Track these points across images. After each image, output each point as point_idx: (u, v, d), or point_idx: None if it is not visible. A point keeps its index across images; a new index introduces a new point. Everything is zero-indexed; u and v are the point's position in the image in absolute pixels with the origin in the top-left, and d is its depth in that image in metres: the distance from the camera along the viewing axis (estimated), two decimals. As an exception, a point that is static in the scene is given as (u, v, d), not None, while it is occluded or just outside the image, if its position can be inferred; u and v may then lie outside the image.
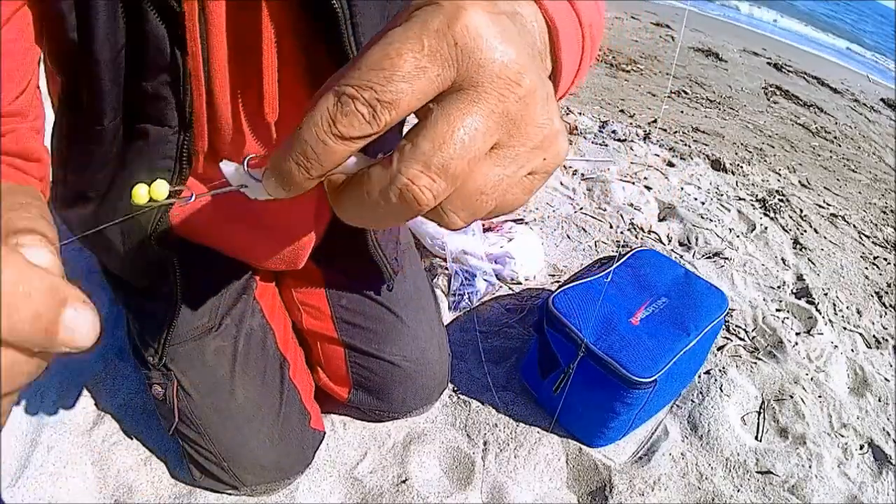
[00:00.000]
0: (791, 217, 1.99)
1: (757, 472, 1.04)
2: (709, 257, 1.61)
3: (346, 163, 0.26)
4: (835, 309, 1.54)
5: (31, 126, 0.50)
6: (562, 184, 1.80)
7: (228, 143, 0.62)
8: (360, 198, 0.26)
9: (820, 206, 2.19)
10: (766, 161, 2.58)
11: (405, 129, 0.27)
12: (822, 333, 1.41)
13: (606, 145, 2.17)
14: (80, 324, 0.21)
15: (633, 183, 1.89)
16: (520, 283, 1.37)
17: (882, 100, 4.64)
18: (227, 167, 0.30)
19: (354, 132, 0.24)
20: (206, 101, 0.57)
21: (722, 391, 1.16)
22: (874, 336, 1.50)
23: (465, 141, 0.24)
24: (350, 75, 0.24)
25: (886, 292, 1.71)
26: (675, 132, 2.59)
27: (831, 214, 2.15)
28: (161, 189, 0.30)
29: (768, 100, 3.67)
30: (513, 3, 0.30)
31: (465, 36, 0.24)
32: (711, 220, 1.78)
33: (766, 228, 1.84)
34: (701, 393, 1.15)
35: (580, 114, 2.44)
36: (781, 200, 2.08)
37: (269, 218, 0.74)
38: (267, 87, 0.58)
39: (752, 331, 1.37)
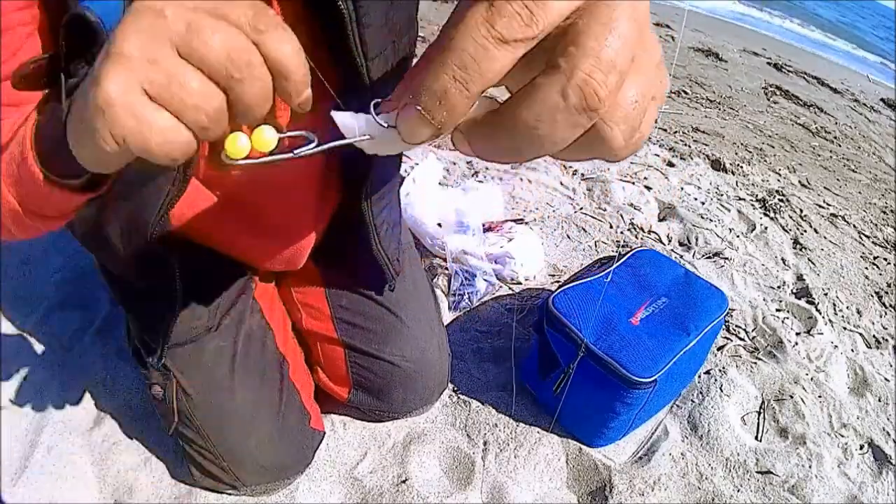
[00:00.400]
0: (791, 217, 1.99)
1: (757, 472, 1.04)
2: (709, 257, 1.61)
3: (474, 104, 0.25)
4: (835, 309, 1.54)
5: None
6: (562, 184, 1.80)
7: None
8: (528, 114, 0.24)
9: (820, 206, 2.19)
10: (766, 161, 2.58)
11: None
12: (822, 333, 1.41)
13: (606, 145, 2.17)
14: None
15: (633, 183, 1.89)
16: (520, 283, 1.37)
17: (882, 100, 4.64)
18: (344, 118, 0.25)
19: (516, 34, 0.23)
20: None
21: (722, 391, 1.15)
22: (874, 336, 1.50)
23: (623, 40, 0.24)
24: None
25: (886, 292, 1.71)
26: (675, 132, 2.59)
27: (831, 214, 2.15)
28: (268, 137, 0.25)
29: (768, 100, 3.67)
30: None
31: None
32: (711, 220, 1.78)
33: (766, 228, 1.84)
34: (701, 393, 1.15)
35: (580, 114, 2.44)
36: (781, 200, 2.08)
37: (269, 219, 0.74)
38: None
39: (752, 331, 1.37)
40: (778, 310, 1.47)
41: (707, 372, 1.20)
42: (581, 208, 1.70)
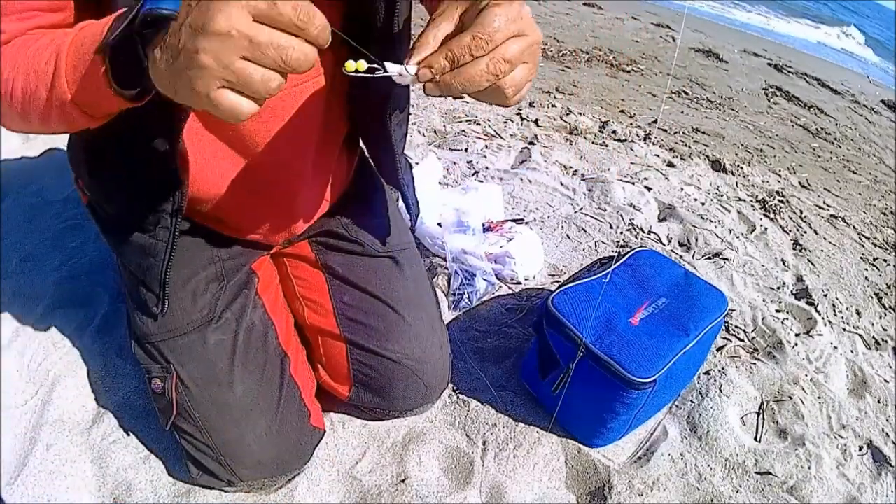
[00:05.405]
0: (791, 218, 1.99)
1: (756, 473, 1.04)
2: (708, 258, 1.61)
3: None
4: (834, 310, 1.54)
5: None
6: (562, 184, 1.80)
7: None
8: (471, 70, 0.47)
9: (820, 208, 2.20)
10: (766, 162, 2.58)
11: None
12: (821, 334, 1.41)
13: (606, 146, 2.17)
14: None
15: (634, 183, 1.89)
16: (520, 283, 1.37)
17: (882, 101, 4.64)
18: (390, 66, 0.48)
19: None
20: None
21: (721, 392, 1.16)
22: (874, 337, 1.50)
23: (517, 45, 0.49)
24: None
25: (886, 293, 1.72)
26: (676, 133, 2.59)
27: (831, 215, 2.15)
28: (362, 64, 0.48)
29: (769, 101, 3.67)
30: None
31: None
32: (711, 221, 1.78)
33: (765, 229, 1.84)
34: (700, 393, 1.15)
35: (580, 114, 2.44)
36: (781, 201, 2.08)
37: (271, 153, 0.79)
38: None
39: (752, 331, 1.37)
40: (777, 311, 1.47)
41: (706, 372, 1.20)
42: (581, 208, 1.70)
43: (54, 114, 0.55)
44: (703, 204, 1.89)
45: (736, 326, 1.37)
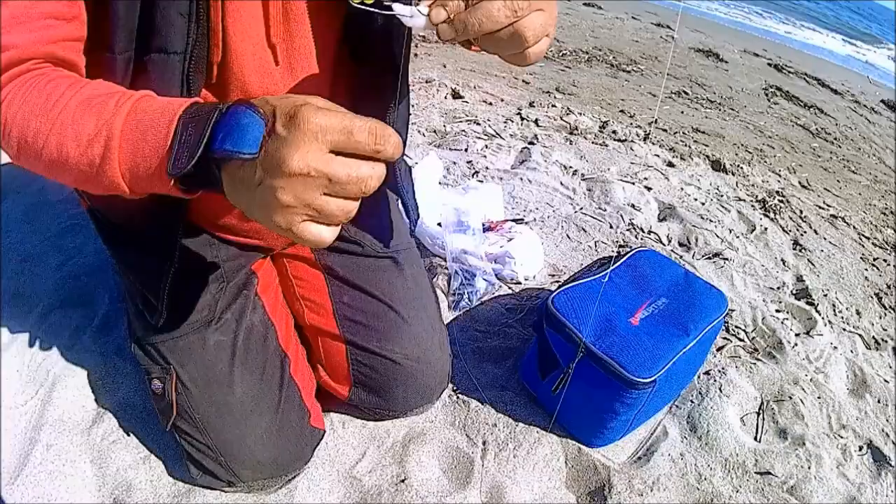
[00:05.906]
0: (791, 218, 1.99)
1: (756, 473, 1.04)
2: (708, 258, 1.61)
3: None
4: (834, 310, 1.54)
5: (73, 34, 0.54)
6: (562, 184, 1.80)
7: (241, 69, 0.66)
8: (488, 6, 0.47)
9: (820, 207, 2.20)
10: (766, 162, 2.58)
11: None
12: (821, 334, 1.41)
13: (606, 146, 2.17)
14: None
15: (634, 183, 1.89)
16: (520, 283, 1.37)
17: (882, 101, 4.65)
18: (399, 7, 0.49)
19: None
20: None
21: (721, 392, 1.16)
22: (874, 337, 1.50)
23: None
24: None
25: (886, 293, 1.72)
26: (676, 133, 2.60)
27: (831, 215, 2.15)
28: None
29: (769, 101, 3.67)
30: None
31: None
32: (711, 221, 1.78)
33: (765, 229, 1.84)
34: (700, 393, 1.15)
35: (580, 114, 2.44)
36: (781, 201, 2.08)
37: None
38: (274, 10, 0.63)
39: (752, 331, 1.37)
40: (777, 311, 1.47)
41: (706, 372, 1.20)
42: (581, 208, 1.70)
43: (85, 184, 0.52)
44: (703, 204, 1.89)
45: (736, 326, 1.37)
